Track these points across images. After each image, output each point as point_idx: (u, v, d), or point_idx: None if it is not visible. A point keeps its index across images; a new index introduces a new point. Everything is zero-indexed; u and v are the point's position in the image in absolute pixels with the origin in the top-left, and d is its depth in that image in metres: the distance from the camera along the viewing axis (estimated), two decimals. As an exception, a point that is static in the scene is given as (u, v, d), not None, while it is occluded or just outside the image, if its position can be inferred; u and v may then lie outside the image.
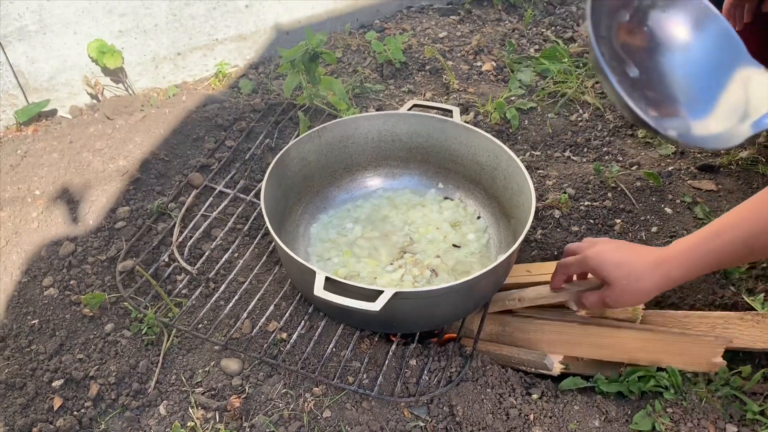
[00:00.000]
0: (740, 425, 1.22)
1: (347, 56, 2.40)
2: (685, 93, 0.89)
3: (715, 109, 0.87)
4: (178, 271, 1.58)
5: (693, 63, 0.89)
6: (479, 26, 2.59)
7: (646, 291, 1.13)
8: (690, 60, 0.89)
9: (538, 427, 1.23)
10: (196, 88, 2.29)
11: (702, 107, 0.88)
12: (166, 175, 1.85)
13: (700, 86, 0.89)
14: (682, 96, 0.89)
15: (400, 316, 1.29)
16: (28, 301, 1.51)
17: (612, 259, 1.16)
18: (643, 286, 1.13)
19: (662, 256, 1.12)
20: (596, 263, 1.18)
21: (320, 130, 1.59)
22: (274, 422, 1.24)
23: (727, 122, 0.85)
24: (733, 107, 0.86)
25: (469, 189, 1.67)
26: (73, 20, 2.03)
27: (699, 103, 0.88)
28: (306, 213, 1.64)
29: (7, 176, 1.82)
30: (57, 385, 1.35)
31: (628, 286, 1.14)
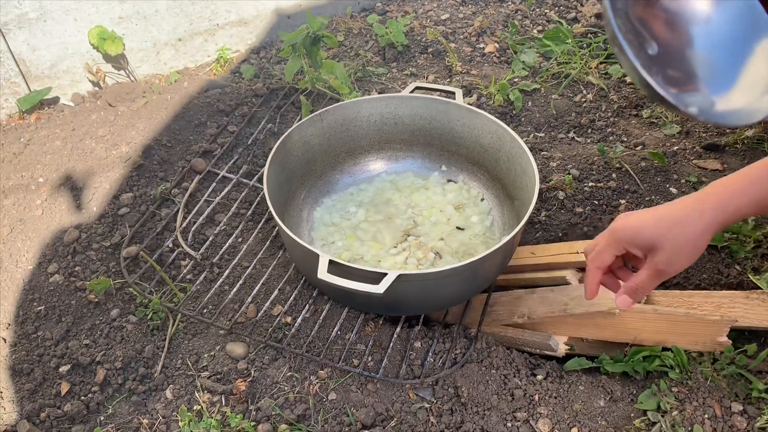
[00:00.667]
0: (746, 404, 1.22)
1: (349, 39, 2.38)
2: (705, 67, 0.86)
3: (737, 84, 0.84)
4: (182, 256, 1.58)
5: (713, 36, 0.86)
6: (482, 8, 2.56)
7: (701, 233, 0.90)
8: (710, 33, 0.86)
9: (543, 408, 1.23)
10: (198, 73, 2.28)
11: (723, 82, 0.84)
12: (169, 161, 1.84)
13: (722, 60, 0.86)
14: (702, 70, 0.85)
15: (404, 298, 1.29)
16: (33, 287, 1.52)
17: (644, 219, 0.94)
18: (695, 229, 0.89)
19: (702, 195, 0.91)
20: (629, 232, 0.94)
21: (322, 114, 1.58)
22: (280, 405, 1.25)
23: (750, 96, 0.82)
24: (755, 81, 0.82)
25: (472, 171, 1.66)
26: (74, 7, 2.02)
27: (720, 78, 0.85)
28: (309, 197, 1.64)
29: (11, 164, 1.82)
30: (64, 371, 1.36)
31: (677, 239, 0.90)
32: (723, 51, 0.86)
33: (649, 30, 0.86)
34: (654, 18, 0.86)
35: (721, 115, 0.85)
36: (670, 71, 0.85)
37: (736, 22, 0.85)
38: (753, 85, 0.83)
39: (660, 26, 0.86)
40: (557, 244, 1.52)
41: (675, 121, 1.90)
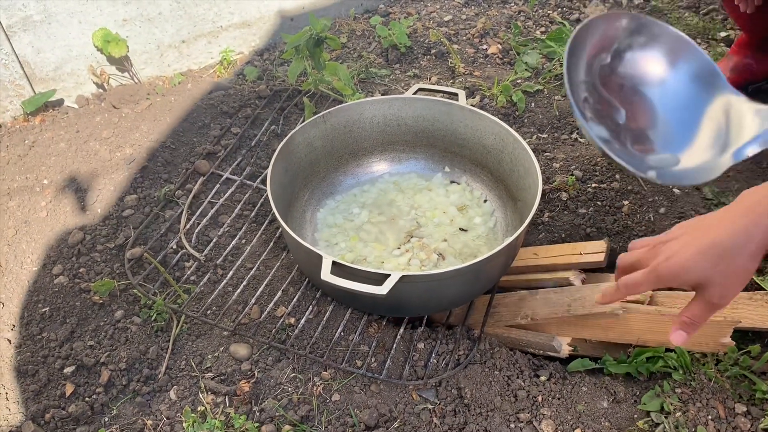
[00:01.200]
0: (749, 405, 1.21)
1: (352, 41, 2.39)
2: (667, 127, 0.88)
3: (698, 141, 0.85)
4: (186, 257, 1.59)
5: (673, 97, 0.88)
6: (485, 9, 2.56)
7: (751, 259, 0.82)
8: (670, 94, 0.88)
9: (546, 409, 1.23)
10: (202, 75, 2.29)
11: (684, 140, 0.86)
12: (173, 162, 1.85)
13: (682, 119, 0.87)
14: (664, 131, 0.88)
15: (408, 299, 1.30)
16: (38, 289, 1.53)
17: (688, 257, 0.86)
18: (745, 257, 0.82)
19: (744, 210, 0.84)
20: (674, 274, 0.87)
21: (326, 116, 1.59)
22: (284, 406, 1.25)
23: (710, 153, 0.84)
24: (714, 138, 0.84)
25: (475, 172, 1.67)
26: (78, 9, 2.03)
27: (681, 137, 0.87)
28: (312, 198, 1.65)
29: (15, 166, 1.83)
30: (68, 372, 1.36)
31: (727, 271, 0.84)
32: (683, 111, 0.88)
33: (615, 95, 0.88)
34: (618, 85, 0.89)
35: (683, 174, 0.85)
36: (638, 135, 0.87)
37: (693, 82, 0.87)
38: (713, 141, 0.85)
39: (624, 92, 0.89)
40: (560, 245, 1.52)
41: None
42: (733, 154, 0.80)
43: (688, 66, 0.89)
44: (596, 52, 0.89)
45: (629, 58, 0.90)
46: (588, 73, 0.88)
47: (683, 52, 0.89)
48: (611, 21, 0.90)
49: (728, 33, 2.26)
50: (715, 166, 0.83)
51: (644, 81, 0.90)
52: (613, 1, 2.53)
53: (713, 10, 2.40)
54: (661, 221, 1.60)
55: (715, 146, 0.83)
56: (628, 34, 0.90)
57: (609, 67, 0.90)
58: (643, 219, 1.61)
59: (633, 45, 0.90)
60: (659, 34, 0.90)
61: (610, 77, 0.89)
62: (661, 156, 0.87)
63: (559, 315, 1.35)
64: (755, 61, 1.88)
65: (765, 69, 1.89)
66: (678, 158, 0.87)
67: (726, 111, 0.84)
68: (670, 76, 0.90)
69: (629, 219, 1.62)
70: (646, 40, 0.90)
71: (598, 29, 0.89)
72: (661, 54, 0.90)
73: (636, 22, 0.90)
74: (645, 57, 0.89)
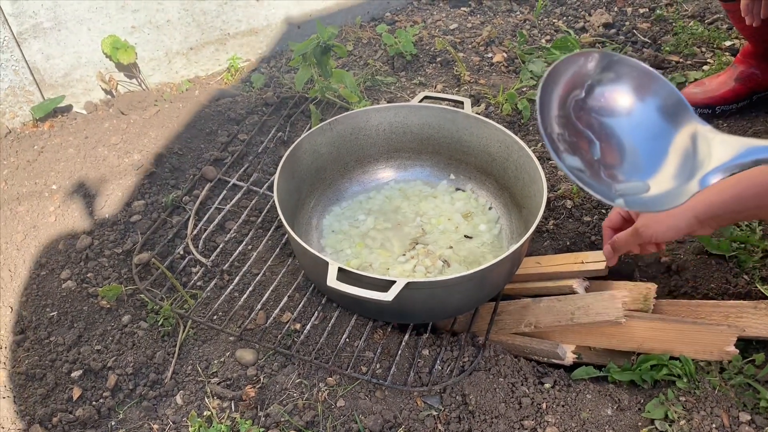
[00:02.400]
0: (754, 413, 1.22)
1: (358, 49, 2.40)
2: (637, 157, 0.94)
3: (666, 170, 0.92)
4: (193, 263, 1.60)
5: (642, 128, 0.95)
6: (490, 17, 2.58)
7: (675, 224, 1.16)
8: (639, 125, 0.95)
9: (550, 416, 1.24)
10: (209, 82, 2.31)
11: (653, 169, 0.93)
12: (180, 168, 1.87)
13: (651, 149, 0.94)
14: (635, 160, 0.94)
15: (413, 306, 1.30)
16: (46, 293, 1.54)
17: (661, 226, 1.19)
18: (673, 219, 1.15)
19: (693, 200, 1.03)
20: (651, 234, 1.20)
21: (332, 123, 1.60)
22: (289, 412, 1.26)
23: (677, 180, 0.90)
24: (681, 166, 0.90)
25: (480, 180, 1.67)
26: (87, 17, 2.06)
27: (651, 165, 0.94)
28: (319, 205, 1.66)
29: (25, 171, 1.85)
30: (76, 376, 1.37)
31: (659, 216, 1.17)
32: (651, 141, 0.94)
33: (590, 131, 0.95)
34: (591, 120, 0.95)
35: (651, 201, 0.92)
36: (610, 164, 0.94)
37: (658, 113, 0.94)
38: (680, 169, 0.91)
39: (596, 126, 0.95)
40: (563, 255, 1.53)
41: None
42: (699, 182, 0.86)
43: (655, 98, 0.95)
44: (570, 88, 0.95)
45: (601, 93, 0.96)
46: (562, 108, 0.94)
47: (651, 85, 0.96)
48: (583, 59, 0.98)
49: (733, 42, 2.27)
50: (681, 192, 0.88)
51: (615, 114, 0.96)
52: (618, 10, 2.54)
53: (718, 20, 2.40)
54: (666, 229, 1.61)
55: (682, 174, 0.89)
56: (599, 71, 0.96)
57: (583, 102, 0.96)
58: (648, 227, 1.62)
59: (603, 80, 0.96)
60: (628, 69, 0.97)
61: (583, 111, 0.95)
62: (632, 184, 0.93)
63: (562, 323, 1.35)
64: (760, 70, 1.88)
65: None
66: (648, 185, 0.93)
67: (693, 140, 0.90)
68: (638, 108, 0.96)
69: (634, 227, 1.62)
70: (616, 76, 0.97)
71: (570, 67, 0.97)
72: (630, 88, 0.95)
73: (607, 60, 0.97)
74: (615, 91, 0.95)
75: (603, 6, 2.59)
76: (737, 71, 1.91)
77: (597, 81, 0.96)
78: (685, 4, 2.53)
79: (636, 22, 2.47)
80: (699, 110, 1.94)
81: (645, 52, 2.26)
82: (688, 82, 2.08)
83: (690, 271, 1.51)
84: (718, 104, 1.92)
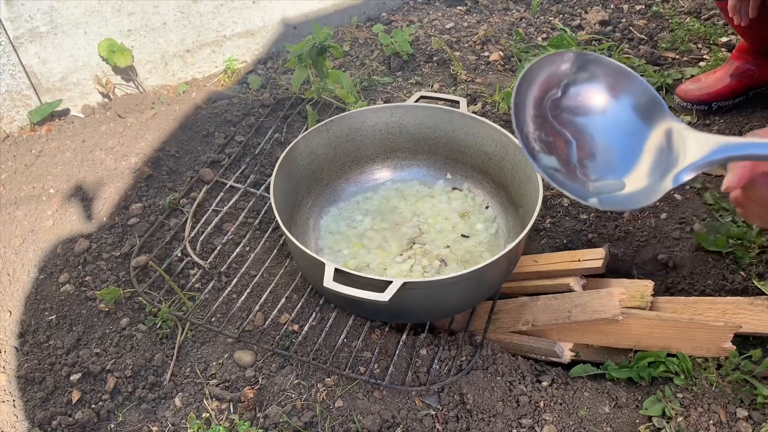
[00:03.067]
0: (751, 409, 1.22)
1: (355, 49, 2.41)
2: (613, 155, 0.95)
3: (640, 167, 0.92)
4: (190, 265, 1.60)
5: (617, 126, 0.96)
6: (486, 16, 2.58)
7: None
8: (614, 123, 0.96)
9: (548, 414, 1.24)
10: (206, 84, 2.31)
11: (628, 166, 0.93)
12: (178, 171, 1.87)
13: (626, 147, 0.95)
14: (610, 158, 0.95)
15: (410, 305, 1.31)
16: (45, 297, 1.55)
17: None
18: None
19: None
20: None
21: (328, 124, 1.60)
22: (288, 412, 1.26)
23: (652, 178, 0.90)
24: (656, 163, 0.91)
25: (477, 179, 1.68)
26: (83, 20, 2.06)
27: (626, 163, 0.94)
28: (316, 206, 1.66)
29: (22, 175, 1.85)
30: (75, 379, 1.38)
31: None
32: (626, 139, 0.95)
33: (567, 130, 0.96)
34: (567, 119, 0.96)
35: (625, 199, 0.92)
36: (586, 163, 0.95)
37: (635, 110, 0.95)
38: (654, 167, 0.91)
39: (573, 126, 0.96)
40: (560, 252, 1.53)
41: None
42: (672, 179, 0.86)
43: (630, 96, 0.96)
44: (546, 88, 0.96)
45: (576, 92, 0.97)
46: (538, 108, 0.95)
47: (626, 84, 0.97)
48: (558, 59, 0.98)
49: (729, 38, 2.27)
50: (656, 190, 0.89)
51: (590, 112, 0.97)
52: (614, 7, 2.54)
53: (715, 15, 2.40)
54: (663, 227, 1.61)
55: (657, 171, 0.90)
56: (574, 71, 0.97)
57: (559, 101, 0.97)
58: (645, 225, 1.62)
59: (578, 80, 0.97)
60: (603, 68, 0.97)
61: (559, 110, 0.96)
62: (608, 182, 0.94)
63: (560, 321, 1.35)
64: (756, 66, 1.88)
65: (766, 74, 1.90)
66: (623, 183, 0.94)
67: (668, 137, 0.91)
68: (613, 106, 0.97)
69: (630, 225, 1.62)
70: (591, 75, 0.97)
71: (546, 68, 0.97)
72: (605, 87, 0.96)
73: (582, 59, 0.97)
74: (590, 90, 0.96)
75: (599, 3, 2.59)
76: (733, 67, 1.91)
77: (572, 80, 0.97)
78: (681, 0, 2.53)
79: (632, 19, 2.47)
80: (695, 106, 1.94)
81: (641, 49, 2.26)
82: (684, 78, 2.08)
83: (687, 268, 1.51)
84: (714, 100, 1.92)
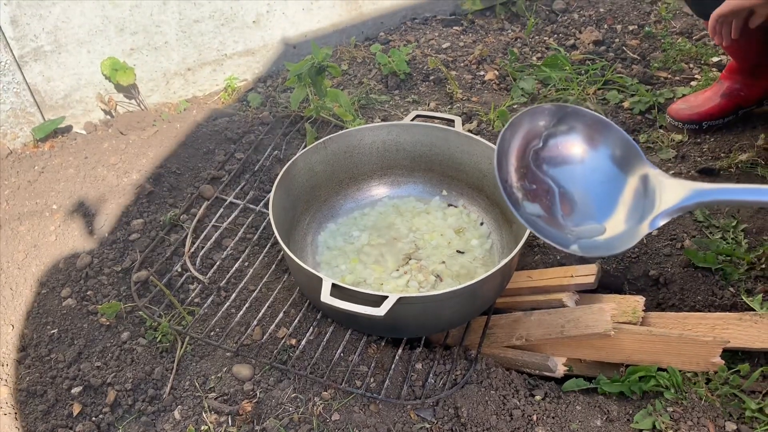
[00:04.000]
0: (739, 423, 1.24)
1: (353, 68, 2.45)
2: (593, 201, 1.01)
3: (619, 213, 0.98)
4: (190, 280, 1.63)
5: (596, 173, 1.02)
6: (482, 36, 2.63)
7: None
8: (593, 171, 1.02)
9: (540, 427, 1.26)
10: (206, 102, 2.35)
11: (608, 212, 1.00)
12: (178, 187, 1.90)
13: (605, 193, 1.01)
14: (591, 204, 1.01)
15: (405, 320, 1.33)
16: (47, 311, 1.57)
17: None
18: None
19: None
20: None
21: (326, 141, 1.64)
22: (285, 426, 1.28)
23: (630, 223, 0.96)
24: (633, 209, 0.97)
25: (472, 196, 1.71)
26: (87, 39, 2.10)
27: (605, 209, 1.00)
28: (314, 222, 1.69)
29: (26, 191, 1.88)
30: (76, 392, 1.40)
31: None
32: (605, 186, 1.01)
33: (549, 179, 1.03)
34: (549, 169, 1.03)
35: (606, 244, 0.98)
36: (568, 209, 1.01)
37: (611, 159, 1.01)
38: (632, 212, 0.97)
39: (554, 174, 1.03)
40: (553, 269, 1.56)
41: (671, 146, 1.95)
42: (649, 224, 0.92)
43: (607, 146, 1.02)
44: (528, 140, 1.03)
45: (555, 143, 1.03)
46: (521, 159, 1.02)
47: (603, 133, 1.04)
48: (539, 112, 1.04)
49: (720, 58, 2.32)
50: (634, 234, 0.95)
51: (570, 162, 1.03)
52: (608, 27, 2.59)
53: (705, 36, 2.45)
54: (654, 243, 1.64)
55: (634, 216, 0.96)
56: (555, 122, 1.04)
57: (540, 151, 1.03)
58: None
59: (558, 132, 1.04)
60: (581, 119, 1.04)
61: (541, 160, 1.03)
62: (588, 227, 0.98)
63: (553, 336, 1.38)
64: (745, 86, 1.93)
65: (755, 94, 1.94)
66: (604, 228, 0.98)
67: (644, 183, 0.97)
68: (591, 156, 1.03)
69: (622, 241, 1.65)
70: (569, 127, 1.04)
71: (527, 121, 1.04)
72: (583, 138, 1.03)
73: (561, 112, 1.04)
74: (569, 141, 1.03)
75: (593, 23, 2.64)
76: (723, 87, 1.95)
77: (552, 133, 1.03)
78: (674, 21, 2.58)
79: (625, 39, 2.52)
80: (686, 125, 1.98)
81: (634, 68, 2.31)
82: (676, 97, 2.12)
83: (677, 283, 1.54)
84: (705, 120, 1.96)
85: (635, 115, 2.11)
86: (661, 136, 2.00)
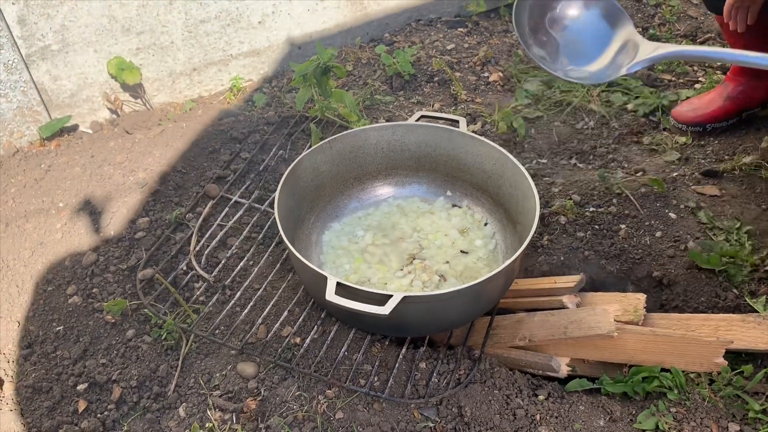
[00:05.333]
0: (742, 424, 1.25)
1: (358, 69, 2.46)
2: (585, 49, 1.33)
3: (604, 58, 1.31)
4: (195, 278, 1.64)
5: (589, 29, 1.34)
6: (486, 38, 2.64)
7: None
8: (588, 27, 1.34)
9: (544, 427, 1.27)
10: (212, 102, 2.36)
11: (595, 57, 1.32)
12: (184, 186, 1.91)
13: (596, 43, 1.33)
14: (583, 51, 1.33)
15: (409, 319, 1.34)
16: (53, 308, 1.58)
17: None
18: None
19: None
20: None
21: (331, 141, 1.64)
22: (289, 423, 1.29)
23: (612, 67, 1.29)
24: (616, 57, 1.29)
25: (476, 196, 1.72)
26: (94, 39, 2.11)
27: (594, 54, 1.32)
28: (318, 221, 1.70)
29: (32, 189, 1.89)
30: (81, 389, 1.41)
31: None
32: (596, 38, 1.33)
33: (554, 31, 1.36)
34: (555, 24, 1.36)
35: (590, 75, 1.31)
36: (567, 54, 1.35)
37: (605, 19, 1.33)
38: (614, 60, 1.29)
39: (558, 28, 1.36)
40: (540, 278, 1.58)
41: (675, 148, 1.95)
42: (626, 68, 1.25)
43: (599, 8, 1.33)
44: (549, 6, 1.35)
45: (564, 5, 1.35)
46: (539, 16, 1.35)
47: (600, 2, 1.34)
48: None
49: (724, 61, 2.32)
50: (613, 73, 1.28)
51: (572, 19, 1.35)
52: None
53: (710, 39, 2.46)
54: (657, 245, 1.65)
55: (616, 63, 1.28)
56: None
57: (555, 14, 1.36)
58: (640, 242, 1.66)
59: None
60: None
61: (551, 18, 1.36)
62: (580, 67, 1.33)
63: (556, 337, 1.38)
64: (749, 88, 1.93)
65: (759, 96, 1.94)
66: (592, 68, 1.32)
67: (627, 40, 1.29)
68: (586, 14, 1.34)
69: (626, 242, 1.66)
70: None
71: None
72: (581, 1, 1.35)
73: None
74: (572, 4, 1.35)
75: (597, 26, 2.64)
76: (727, 89, 1.96)
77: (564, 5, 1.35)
78: (678, 23, 2.59)
79: (629, 41, 2.52)
80: (690, 128, 1.99)
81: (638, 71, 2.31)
82: (680, 100, 2.13)
83: (681, 285, 1.54)
84: (709, 122, 1.96)
85: (639, 117, 2.11)
86: (665, 138, 2.00)
